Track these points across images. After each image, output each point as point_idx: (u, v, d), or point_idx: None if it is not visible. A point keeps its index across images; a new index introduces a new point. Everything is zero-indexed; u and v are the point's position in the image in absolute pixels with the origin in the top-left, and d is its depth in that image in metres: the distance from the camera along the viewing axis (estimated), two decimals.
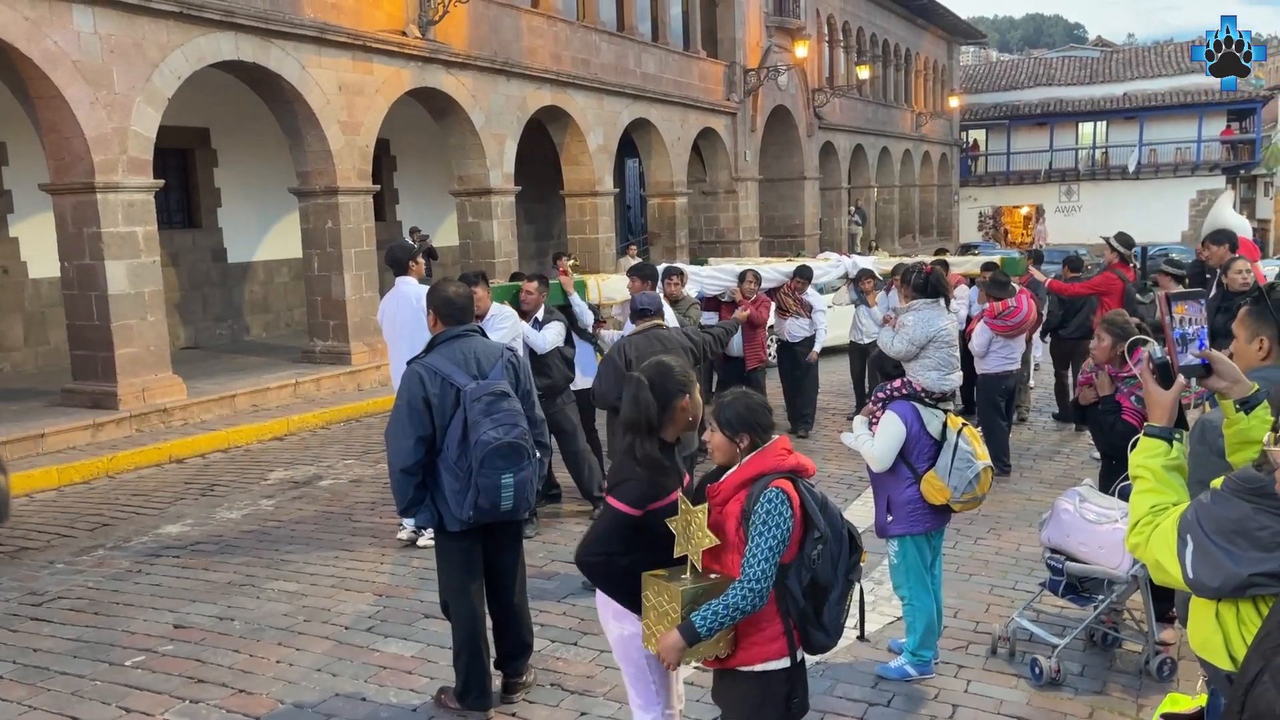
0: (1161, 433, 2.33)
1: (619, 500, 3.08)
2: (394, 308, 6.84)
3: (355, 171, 13.03)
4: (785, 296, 10.09)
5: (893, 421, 4.52)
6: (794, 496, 2.91)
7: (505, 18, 15.68)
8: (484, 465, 3.95)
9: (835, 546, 2.99)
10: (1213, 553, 1.99)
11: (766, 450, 3.00)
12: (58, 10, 9.47)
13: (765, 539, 2.84)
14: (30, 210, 12.73)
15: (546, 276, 7.69)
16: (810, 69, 26.87)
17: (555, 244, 22.51)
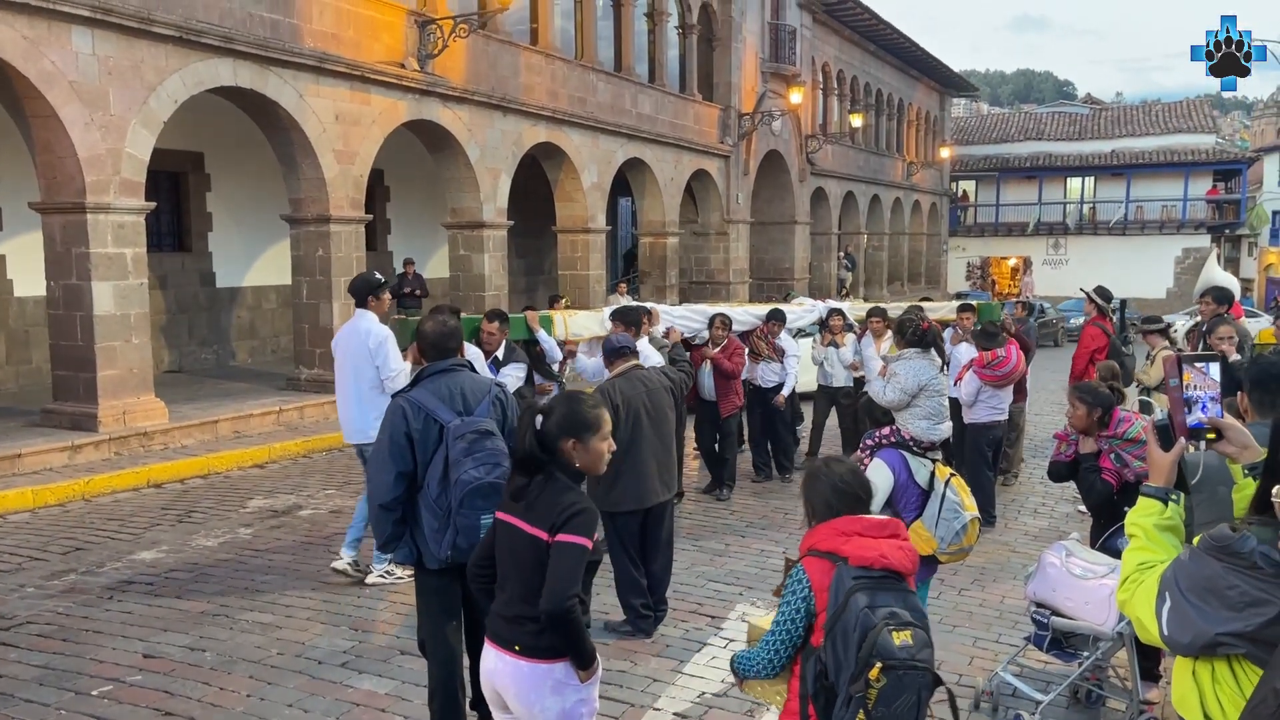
0: (1157, 493, 2.34)
1: (580, 535, 2.95)
2: (345, 341, 6.53)
3: (348, 200, 13.03)
4: (757, 340, 9.88)
5: (880, 469, 4.47)
6: (814, 579, 2.79)
7: (504, 54, 15.80)
8: (463, 505, 3.84)
9: (843, 652, 2.73)
10: (1186, 610, 2.01)
11: (818, 528, 2.94)
12: (57, 30, 9.49)
13: (779, 612, 2.88)
14: (18, 228, 12.67)
15: (507, 314, 7.48)
16: (804, 115, 27.15)
17: (546, 279, 22.54)
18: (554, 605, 2.87)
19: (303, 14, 12.13)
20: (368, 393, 6.33)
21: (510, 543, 3.08)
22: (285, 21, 11.89)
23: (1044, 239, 41.63)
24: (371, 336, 6.30)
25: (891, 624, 2.68)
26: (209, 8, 10.92)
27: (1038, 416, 13.86)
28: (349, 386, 6.43)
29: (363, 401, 6.35)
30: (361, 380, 6.35)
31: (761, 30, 24.74)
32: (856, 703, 2.65)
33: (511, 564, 3.08)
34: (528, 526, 3.01)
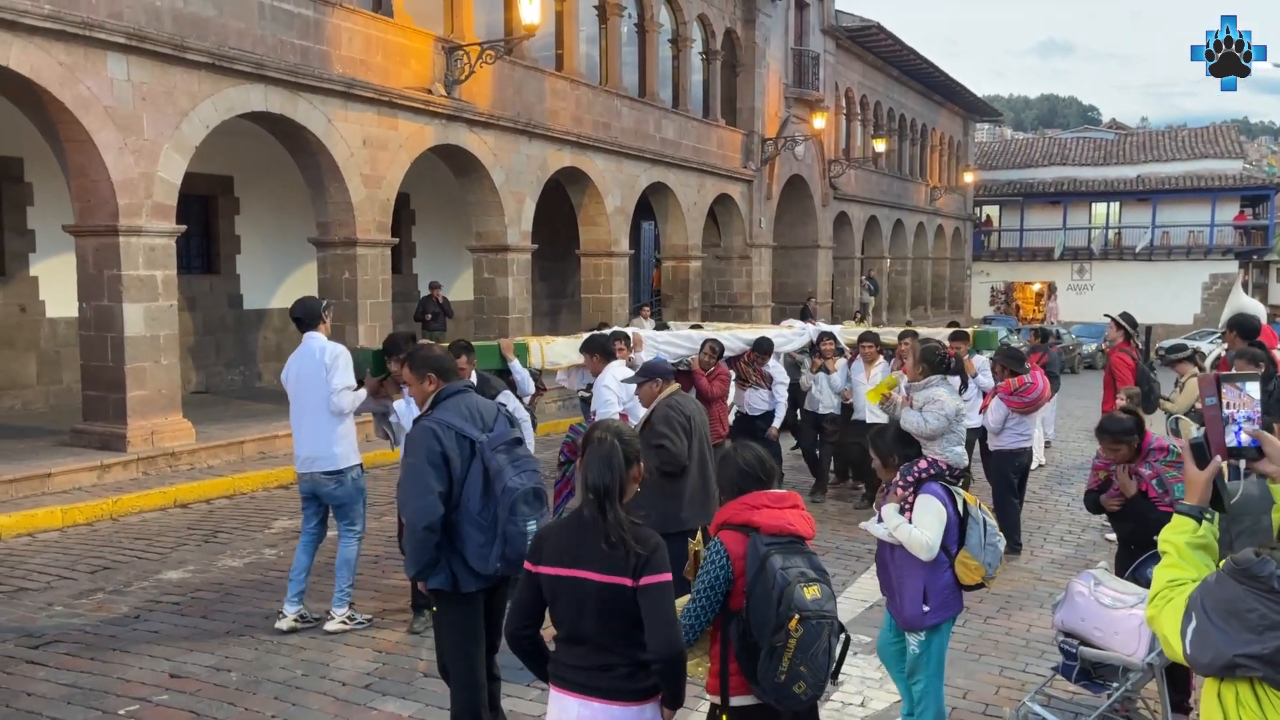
0: (1191, 511, 2.35)
1: (664, 571, 2.87)
2: (299, 365, 6.12)
3: (375, 224, 13.16)
4: (745, 366, 9.51)
5: (934, 505, 4.25)
6: (731, 548, 3.10)
7: (530, 80, 15.96)
8: (513, 512, 3.89)
9: (764, 609, 3.02)
10: (1209, 631, 2.04)
11: (728, 504, 3.26)
12: (92, 57, 9.68)
13: (699, 581, 3.12)
14: (51, 251, 12.87)
15: (471, 344, 7.02)
16: (827, 140, 27.22)
17: (569, 302, 22.62)
18: (669, 650, 2.83)
19: (332, 40, 12.31)
20: (321, 415, 5.94)
21: (581, 597, 2.89)
22: (315, 48, 12.07)
23: (1069, 264, 41.40)
24: (328, 352, 5.97)
25: (802, 581, 3.04)
26: (241, 35, 11.10)
27: (1063, 444, 13.75)
28: (312, 414, 5.98)
29: (329, 426, 5.96)
30: (318, 403, 5.97)
31: (785, 56, 24.87)
32: (779, 652, 2.98)
33: (591, 618, 2.89)
34: (604, 576, 2.86)
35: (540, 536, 3.05)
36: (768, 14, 23.47)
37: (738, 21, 22.71)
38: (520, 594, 3.03)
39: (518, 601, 3.03)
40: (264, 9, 11.41)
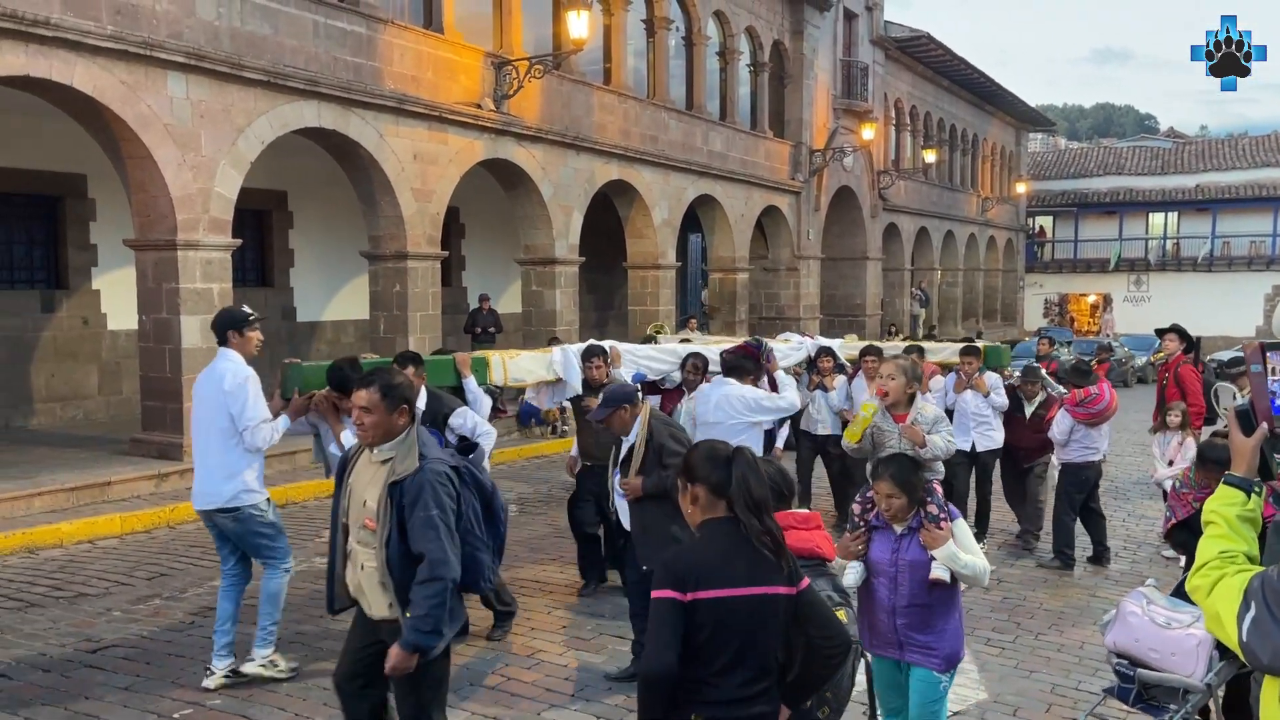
0: (1240, 483, 2.29)
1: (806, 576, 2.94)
2: (201, 386, 5.49)
3: (425, 237, 13.33)
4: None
5: (967, 529, 4.09)
6: None
7: (578, 94, 16.08)
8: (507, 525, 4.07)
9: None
10: (1267, 624, 2.00)
11: None
12: (153, 76, 9.94)
13: None
14: (113, 265, 13.22)
15: (421, 356, 6.43)
16: (876, 151, 27.05)
17: (616, 314, 22.69)
18: (846, 638, 2.93)
19: (384, 57, 12.52)
20: (222, 445, 5.33)
21: (749, 615, 2.78)
22: (367, 65, 12.28)
23: (1125, 275, 40.62)
24: (228, 378, 5.30)
25: (829, 605, 3.06)
26: (295, 52, 11.34)
27: (1119, 458, 13.49)
28: (202, 440, 5.44)
29: (222, 456, 5.35)
30: (212, 432, 5.37)
31: (833, 67, 24.79)
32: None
33: (755, 638, 2.79)
34: (772, 589, 2.80)
35: (679, 564, 2.80)
36: (816, 26, 23.43)
37: (786, 33, 22.69)
38: (667, 629, 2.72)
39: (666, 639, 2.71)
40: (318, 27, 11.65)
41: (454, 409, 6.16)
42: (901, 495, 3.87)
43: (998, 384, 8.73)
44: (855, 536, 4.00)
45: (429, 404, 6.00)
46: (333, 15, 11.86)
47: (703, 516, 2.89)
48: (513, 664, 5.78)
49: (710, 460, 2.90)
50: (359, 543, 3.71)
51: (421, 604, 3.50)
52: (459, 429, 6.15)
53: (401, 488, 3.58)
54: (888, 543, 3.93)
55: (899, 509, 3.89)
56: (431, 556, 3.53)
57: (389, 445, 3.65)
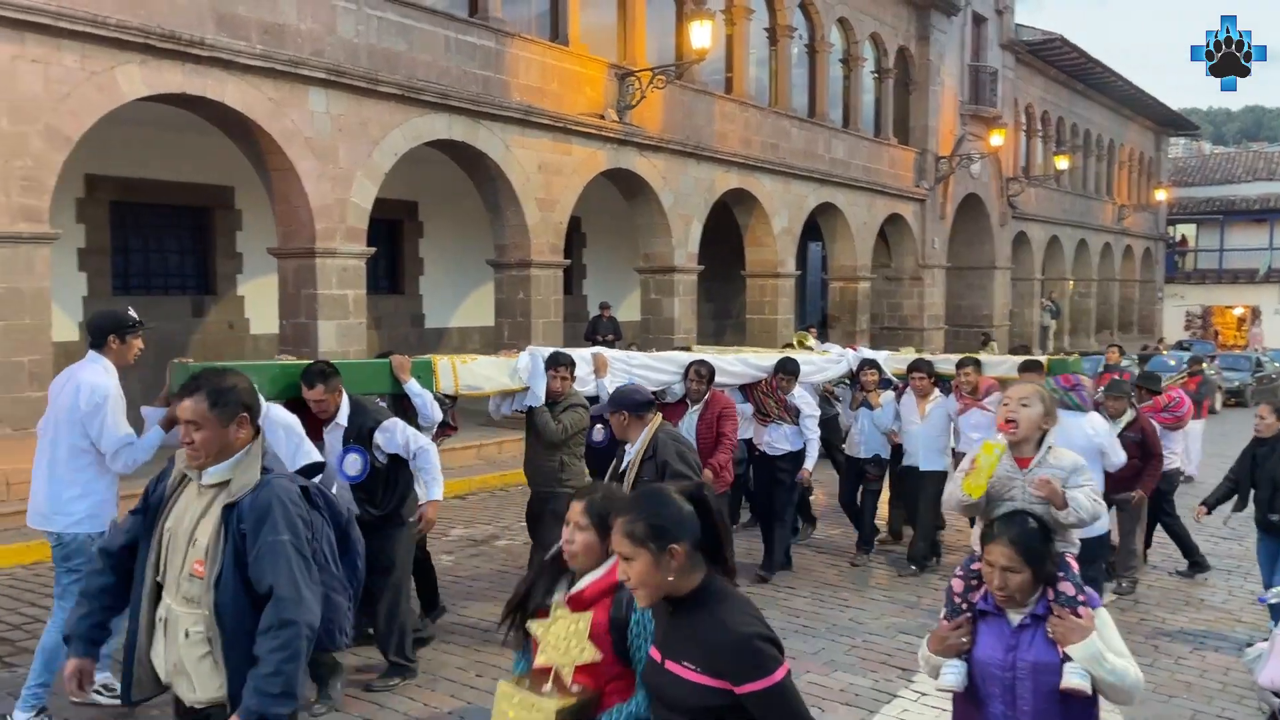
0: None
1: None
2: (56, 391, 4.86)
3: (549, 246, 13.60)
4: (764, 397, 7.82)
5: (1111, 620, 3.07)
6: None
7: (699, 103, 16.16)
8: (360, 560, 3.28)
9: None
10: None
11: None
12: (297, 92, 10.45)
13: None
14: (256, 272, 13.92)
15: (334, 365, 5.42)
16: (1006, 157, 26.28)
17: (734, 323, 22.65)
18: None
19: (511, 70, 12.85)
20: (67, 460, 4.72)
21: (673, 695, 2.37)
22: (495, 78, 12.63)
23: (1276, 286, 38.33)
24: (83, 396, 4.68)
25: None
26: (428, 67, 11.75)
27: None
28: (48, 453, 4.79)
29: (61, 471, 4.74)
30: (60, 444, 4.75)
31: (961, 72, 24.22)
32: None
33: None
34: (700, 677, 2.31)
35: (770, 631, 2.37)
36: (943, 31, 22.95)
37: (911, 39, 22.30)
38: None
39: None
40: (449, 42, 12.05)
41: (380, 422, 5.24)
42: (1024, 569, 2.88)
43: None
44: (956, 625, 3.01)
45: (352, 418, 5.20)
46: (463, 30, 12.25)
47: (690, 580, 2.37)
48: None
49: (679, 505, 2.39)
50: (183, 600, 2.84)
51: (269, 659, 2.70)
52: (388, 447, 5.24)
53: (239, 509, 2.82)
54: (1001, 636, 2.94)
55: (1019, 588, 2.89)
56: (281, 594, 2.75)
57: (223, 466, 2.88)
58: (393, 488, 5.32)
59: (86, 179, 12.12)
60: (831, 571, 7.98)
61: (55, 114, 8.63)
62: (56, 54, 8.58)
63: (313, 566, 2.87)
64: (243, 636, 2.77)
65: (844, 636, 6.36)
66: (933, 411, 8.00)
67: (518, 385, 6.40)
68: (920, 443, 7.95)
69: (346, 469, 5.16)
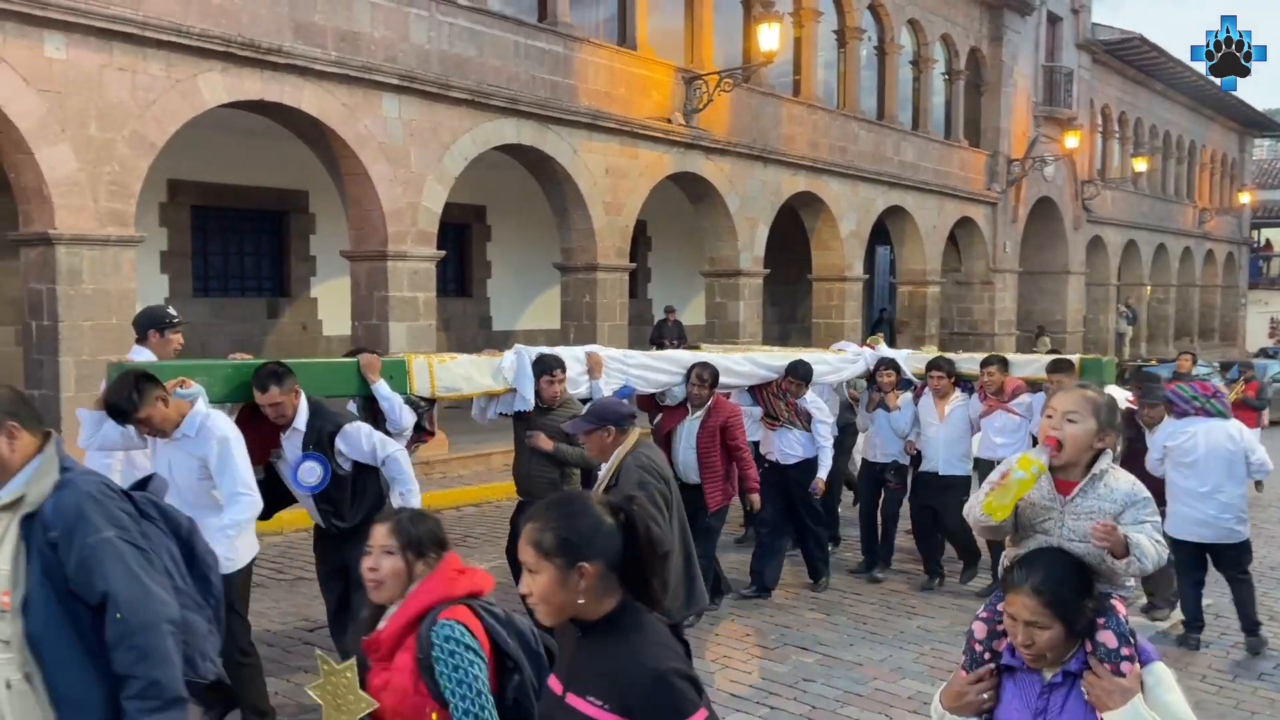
0: None
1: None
2: None
3: (614, 250, 13.66)
4: (774, 399, 7.37)
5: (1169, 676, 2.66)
6: (475, 626, 2.42)
7: (766, 106, 16.10)
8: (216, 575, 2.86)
9: (534, 671, 2.46)
10: None
11: (434, 575, 2.50)
12: (370, 97, 10.65)
13: (470, 698, 2.34)
14: (329, 275, 14.21)
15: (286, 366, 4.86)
16: (1081, 160, 25.70)
17: (799, 327, 22.50)
18: None
19: (580, 75, 12.94)
20: None
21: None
22: (564, 83, 12.73)
23: None
24: None
25: None
26: (498, 72, 11.89)
27: None
28: None
29: None
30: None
31: (1035, 73, 23.76)
32: None
33: None
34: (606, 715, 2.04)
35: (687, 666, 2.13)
36: (1016, 31, 22.53)
37: (984, 40, 21.93)
38: None
39: None
40: (519, 47, 12.18)
41: (340, 426, 4.78)
42: (1053, 624, 2.34)
43: None
44: (975, 678, 2.53)
45: (310, 422, 4.76)
46: (533, 36, 12.38)
47: (602, 605, 2.09)
48: None
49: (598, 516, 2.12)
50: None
51: (135, 673, 2.34)
52: (351, 453, 4.80)
53: (41, 517, 2.41)
54: (1028, 694, 2.44)
55: (1048, 646, 2.35)
56: (123, 596, 2.36)
57: (14, 485, 2.45)
58: (360, 497, 4.89)
59: (169, 184, 12.51)
60: (898, 578, 7.88)
61: (141, 121, 8.92)
62: (142, 63, 8.87)
63: (155, 559, 2.52)
64: (69, 668, 2.34)
65: (911, 644, 6.27)
66: (952, 413, 7.49)
67: (502, 387, 5.99)
68: (940, 447, 7.48)
69: (303, 478, 4.72)
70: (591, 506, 2.12)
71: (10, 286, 11.02)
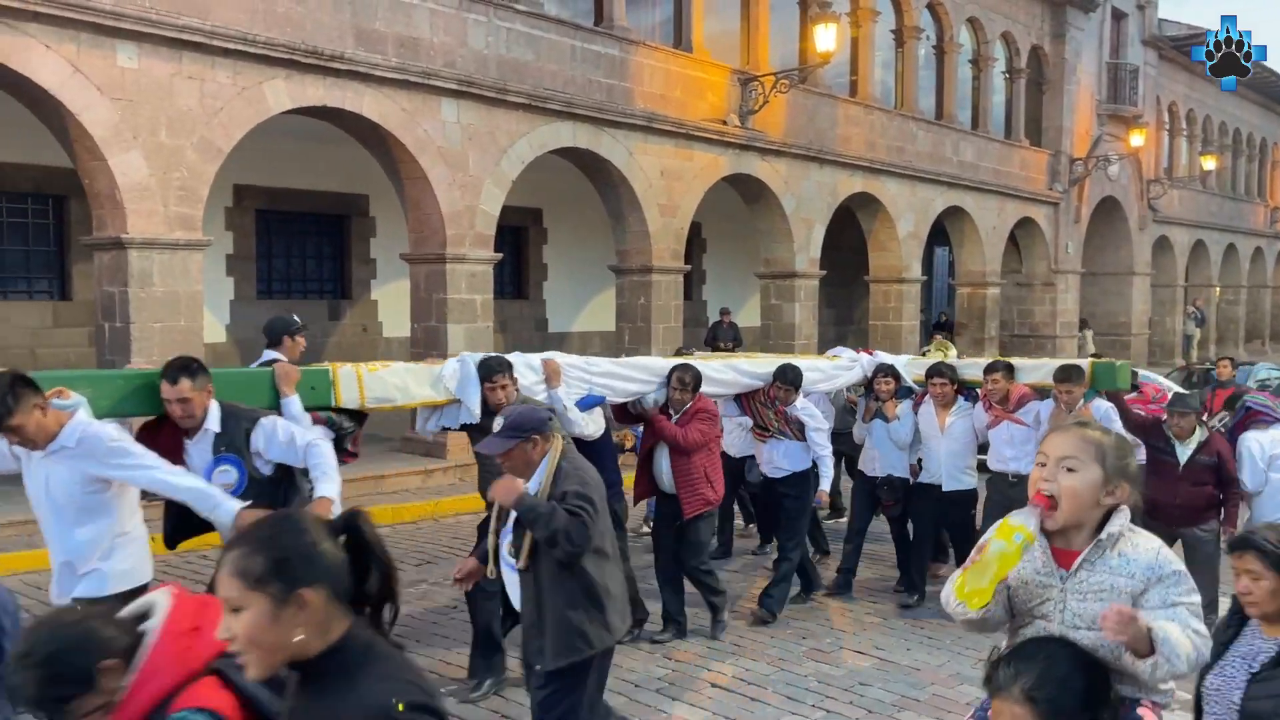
0: None
1: None
2: None
3: (669, 252, 13.68)
4: (762, 408, 6.87)
5: None
6: (224, 704, 1.86)
7: (823, 107, 16.00)
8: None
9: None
10: None
11: (158, 647, 1.88)
12: (430, 103, 10.80)
13: None
14: (389, 277, 14.44)
15: (200, 364, 4.38)
16: (1146, 158, 25.15)
17: (855, 329, 22.31)
18: None
19: (635, 78, 12.99)
20: None
21: None
22: (619, 85, 12.79)
23: None
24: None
25: None
26: (554, 76, 11.98)
27: None
28: None
29: None
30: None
31: (1098, 70, 23.30)
32: None
33: None
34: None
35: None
36: (1080, 28, 22.11)
37: (1045, 37, 21.57)
38: None
39: None
40: (575, 51, 12.26)
41: (256, 420, 4.33)
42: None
43: (1109, 416, 6.56)
44: None
45: (224, 423, 4.29)
46: (589, 39, 12.46)
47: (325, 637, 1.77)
48: None
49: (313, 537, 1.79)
50: None
51: None
52: (270, 452, 4.31)
53: None
54: None
55: None
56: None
57: None
58: (284, 503, 4.33)
59: (235, 188, 12.81)
60: None
61: (208, 127, 9.16)
62: (210, 71, 9.10)
63: None
64: None
65: (970, 650, 6.18)
66: (954, 424, 6.95)
67: (444, 397, 5.38)
68: (942, 459, 6.96)
69: (217, 484, 4.18)
70: (309, 523, 1.81)
71: (84, 289, 11.39)
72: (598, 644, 3.75)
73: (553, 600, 3.73)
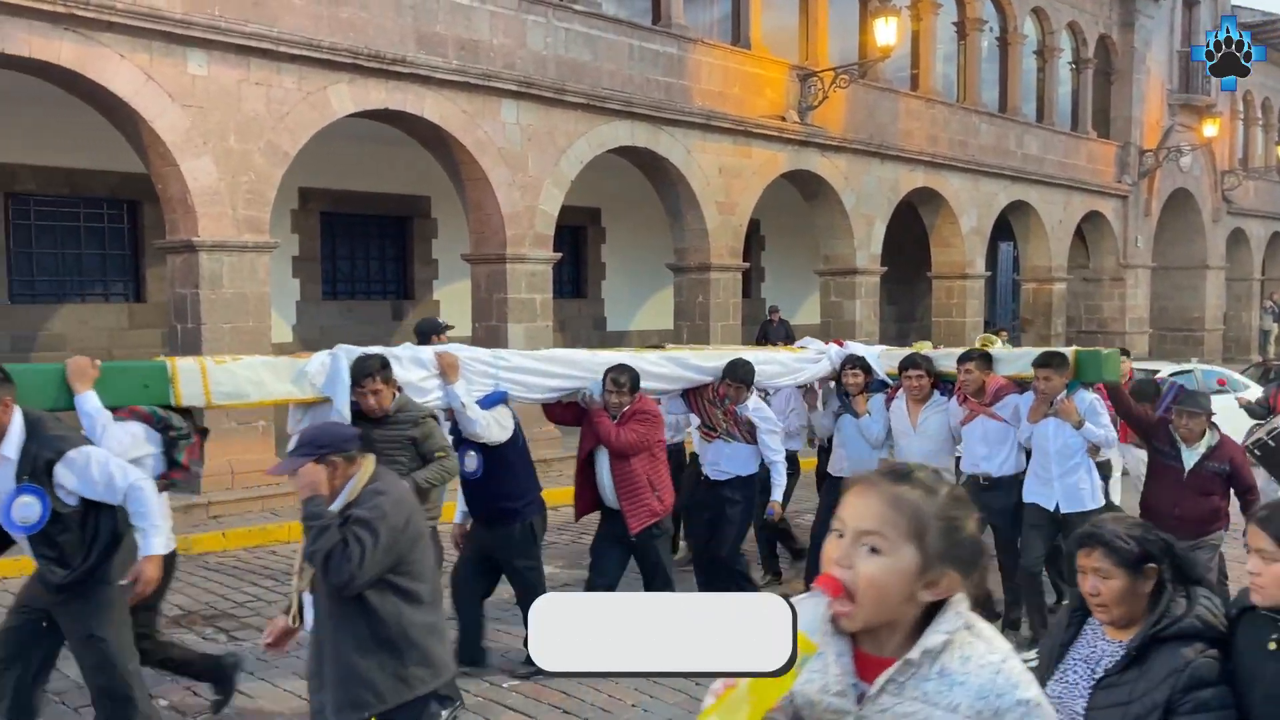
0: None
1: None
2: None
3: (728, 249, 13.65)
4: (710, 407, 6.31)
5: None
6: None
7: (883, 101, 15.83)
8: None
9: None
10: None
11: None
12: (490, 104, 10.91)
13: None
14: (451, 278, 14.60)
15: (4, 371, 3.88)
16: (1220, 149, 24.44)
17: (918, 326, 22.01)
18: None
19: (693, 75, 12.98)
20: None
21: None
22: (677, 84, 12.79)
23: None
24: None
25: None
26: (612, 76, 12.02)
27: None
28: None
29: None
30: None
31: (1169, 59, 22.71)
32: None
33: None
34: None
35: None
36: (1149, 16, 21.56)
37: (1113, 26, 21.07)
38: None
39: None
40: (633, 50, 12.29)
41: (63, 452, 3.73)
42: None
43: (1095, 409, 5.90)
44: None
45: (25, 446, 3.72)
46: (647, 38, 12.48)
47: None
48: None
49: None
50: None
51: None
52: (79, 488, 3.76)
53: None
54: None
55: None
56: None
57: None
58: (92, 538, 3.83)
59: (300, 191, 13.06)
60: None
61: (275, 132, 9.36)
62: (276, 76, 9.30)
63: None
64: None
65: None
66: (929, 420, 6.33)
67: (309, 394, 4.84)
68: (914, 458, 5.90)
69: (17, 516, 3.68)
70: None
71: (158, 291, 11.71)
72: (391, 698, 3.17)
73: (336, 643, 3.19)
